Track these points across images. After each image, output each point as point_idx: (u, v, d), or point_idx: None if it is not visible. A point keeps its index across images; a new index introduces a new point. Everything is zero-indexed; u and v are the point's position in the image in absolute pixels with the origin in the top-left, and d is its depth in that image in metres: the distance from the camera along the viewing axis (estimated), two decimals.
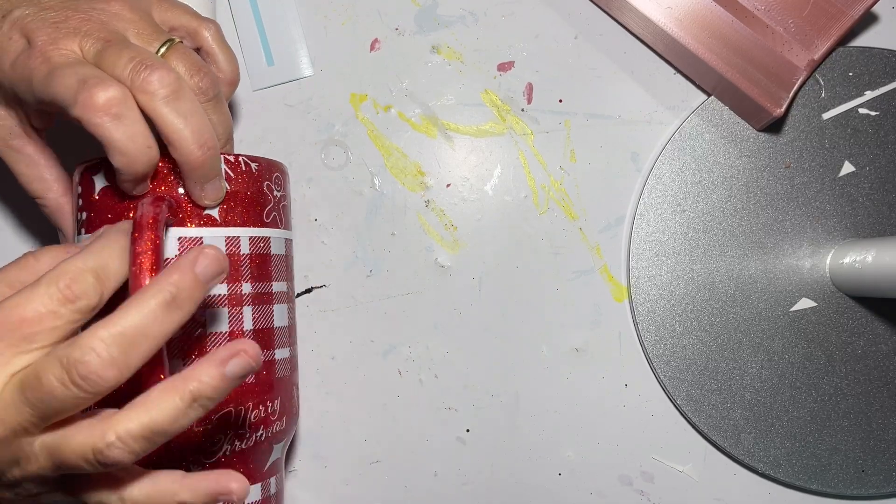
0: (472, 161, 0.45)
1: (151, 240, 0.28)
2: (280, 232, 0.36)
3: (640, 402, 0.44)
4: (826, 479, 0.43)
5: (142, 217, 0.29)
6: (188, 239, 0.32)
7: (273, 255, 0.35)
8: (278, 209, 0.36)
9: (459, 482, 0.45)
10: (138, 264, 0.28)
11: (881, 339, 0.43)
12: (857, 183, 0.44)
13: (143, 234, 0.28)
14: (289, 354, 0.37)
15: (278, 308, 0.36)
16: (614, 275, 0.45)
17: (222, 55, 0.36)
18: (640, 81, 0.45)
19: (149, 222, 0.29)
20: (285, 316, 0.36)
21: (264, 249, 0.35)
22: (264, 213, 0.35)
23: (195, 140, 0.30)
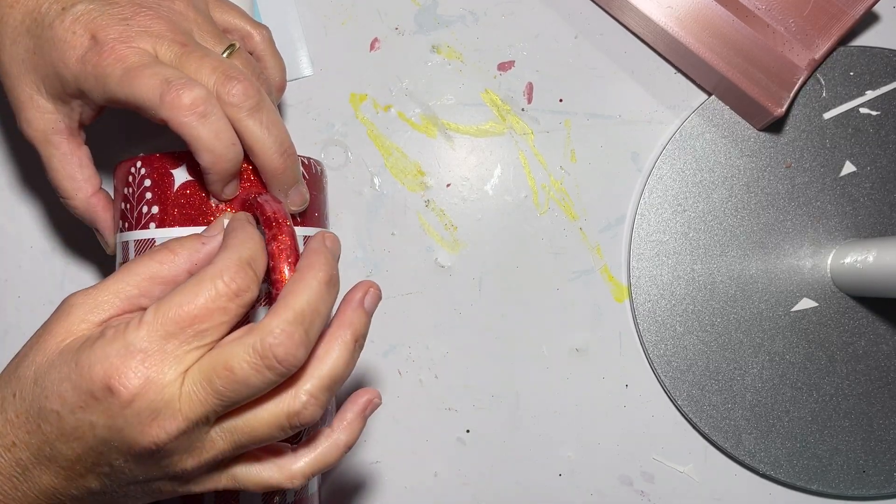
0: (472, 161, 0.45)
1: (290, 234, 0.29)
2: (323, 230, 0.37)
3: (640, 403, 0.44)
4: (827, 479, 0.43)
5: (275, 213, 0.30)
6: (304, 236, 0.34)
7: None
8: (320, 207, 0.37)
9: (459, 482, 0.45)
10: (282, 259, 0.29)
11: (882, 339, 0.43)
12: (858, 183, 0.43)
13: (282, 228, 0.29)
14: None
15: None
16: (614, 275, 0.45)
17: (272, 60, 0.37)
18: (640, 81, 0.45)
19: (282, 217, 0.29)
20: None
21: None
22: (325, 211, 0.37)
23: (278, 148, 0.31)
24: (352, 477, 0.45)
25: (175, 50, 0.30)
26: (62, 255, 0.45)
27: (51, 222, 0.45)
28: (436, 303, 0.45)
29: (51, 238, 0.45)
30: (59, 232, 0.45)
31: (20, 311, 0.45)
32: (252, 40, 0.36)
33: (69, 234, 0.45)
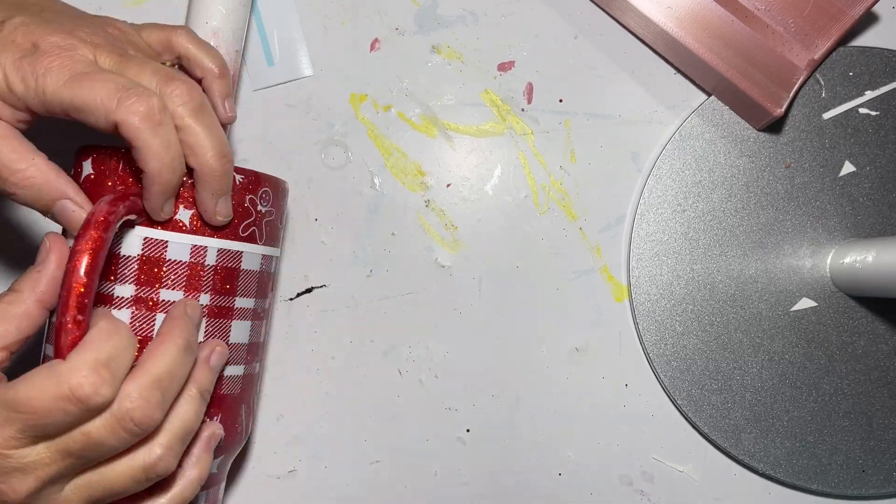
0: (472, 161, 0.45)
1: (93, 240, 0.29)
2: (257, 248, 0.35)
3: (640, 402, 0.44)
4: (826, 479, 0.43)
5: (93, 215, 0.29)
6: (154, 240, 0.32)
7: (243, 270, 0.35)
8: (259, 224, 0.35)
9: (459, 482, 0.45)
10: (74, 262, 0.28)
11: (882, 338, 0.43)
12: (857, 183, 0.43)
13: (87, 231, 0.29)
14: (242, 372, 0.36)
15: (238, 324, 0.35)
16: (614, 275, 0.45)
17: (203, 53, 0.36)
18: (640, 81, 0.45)
19: (98, 221, 0.29)
20: (246, 333, 0.35)
21: (233, 263, 0.34)
22: (241, 226, 0.34)
23: (217, 150, 0.31)
24: (352, 477, 0.45)
25: (114, 59, 0.31)
26: None
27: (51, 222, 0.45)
28: (436, 303, 0.45)
29: None
30: None
31: None
32: (176, 43, 0.35)
33: None
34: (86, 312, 0.29)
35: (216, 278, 0.34)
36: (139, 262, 0.32)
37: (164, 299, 0.32)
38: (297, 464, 0.45)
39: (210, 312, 0.34)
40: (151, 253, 0.32)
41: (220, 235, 0.34)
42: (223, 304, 0.34)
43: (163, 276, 0.32)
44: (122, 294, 0.32)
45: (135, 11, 0.45)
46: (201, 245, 0.33)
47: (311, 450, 0.45)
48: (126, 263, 0.32)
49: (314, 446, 0.45)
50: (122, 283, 0.32)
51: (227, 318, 0.34)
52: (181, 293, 0.33)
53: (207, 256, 0.33)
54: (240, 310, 0.35)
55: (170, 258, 0.32)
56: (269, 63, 0.45)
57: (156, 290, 0.32)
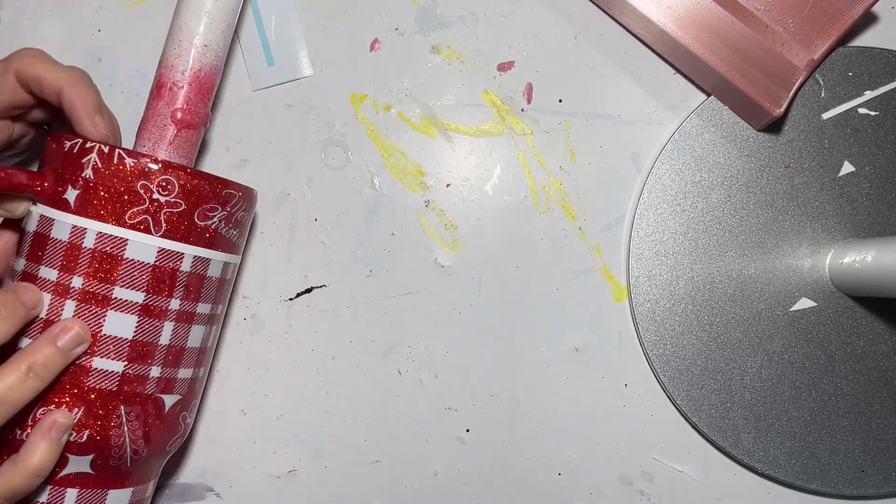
0: (472, 161, 0.45)
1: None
2: (148, 238, 0.34)
3: (639, 402, 0.44)
4: (826, 478, 0.43)
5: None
6: (44, 217, 0.34)
7: (126, 259, 0.34)
8: (154, 214, 0.34)
9: (459, 482, 0.45)
10: None
11: (881, 338, 0.43)
12: (856, 183, 0.44)
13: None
14: (190, 376, 0.36)
15: (116, 315, 0.34)
16: (614, 275, 0.45)
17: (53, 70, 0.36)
18: (640, 81, 0.45)
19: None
20: (130, 328, 0.34)
21: (114, 250, 0.34)
22: (128, 213, 0.34)
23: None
24: (352, 477, 0.45)
25: None
26: None
27: None
28: (436, 303, 0.45)
29: None
30: None
31: None
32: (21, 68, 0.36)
33: None
34: None
35: (93, 262, 0.33)
36: (32, 238, 0.34)
37: (42, 276, 0.33)
38: (297, 464, 0.45)
39: (82, 297, 0.33)
40: (42, 230, 0.34)
41: (101, 219, 0.33)
42: (97, 291, 0.33)
43: (44, 255, 0.34)
44: (16, 267, 0.35)
45: (135, 11, 0.45)
46: (81, 226, 0.33)
47: (311, 450, 0.45)
48: (24, 238, 0.35)
49: (314, 446, 0.45)
50: (18, 258, 0.35)
51: (103, 306, 0.34)
52: (55, 273, 0.33)
53: (86, 239, 0.33)
54: (120, 301, 0.34)
55: (52, 236, 0.33)
56: (269, 63, 0.45)
57: (36, 266, 0.34)
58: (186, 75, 0.37)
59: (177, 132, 0.37)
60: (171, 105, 0.37)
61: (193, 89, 0.37)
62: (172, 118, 0.37)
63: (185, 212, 0.35)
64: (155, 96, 0.37)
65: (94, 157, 0.33)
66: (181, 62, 0.37)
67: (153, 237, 0.34)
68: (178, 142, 0.37)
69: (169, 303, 0.35)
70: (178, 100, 0.37)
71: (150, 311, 0.34)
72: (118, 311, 0.34)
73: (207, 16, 0.37)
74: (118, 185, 0.33)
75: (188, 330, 0.36)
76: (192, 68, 0.37)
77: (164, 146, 0.37)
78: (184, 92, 0.37)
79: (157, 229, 0.34)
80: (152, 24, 0.45)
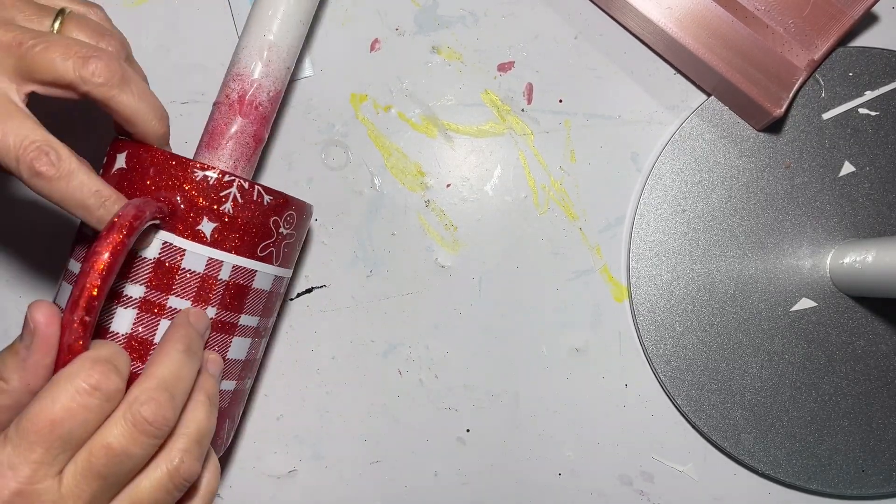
0: (472, 161, 0.45)
1: (115, 243, 0.28)
2: (271, 268, 0.35)
3: (640, 402, 0.44)
4: (826, 478, 0.43)
5: (119, 218, 0.29)
6: (172, 246, 0.32)
7: (253, 289, 0.34)
8: (278, 246, 0.35)
9: (459, 482, 0.45)
10: (91, 263, 0.28)
11: (881, 339, 0.43)
12: (857, 183, 0.44)
13: (111, 234, 0.28)
14: (233, 388, 0.36)
15: (239, 341, 0.35)
16: (614, 275, 0.45)
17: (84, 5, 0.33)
18: (640, 81, 0.45)
19: (123, 224, 0.28)
20: (244, 350, 0.35)
21: (245, 281, 0.34)
22: (259, 246, 0.34)
23: (155, 114, 0.32)
24: (352, 477, 0.45)
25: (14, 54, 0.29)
26: (62, 255, 0.45)
27: (51, 222, 0.45)
28: (436, 303, 0.45)
29: (51, 238, 0.45)
30: (59, 232, 0.45)
31: (21, 312, 0.45)
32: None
33: (69, 234, 0.45)
34: (94, 314, 0.28)
35: (226, 294, 0.33)
36: (154, 265, 0.32)
37: (171, 306, 0.32)
38: (297, 464, 0.45)
39: (213, 326, 0.33)
40: (168, 259, 0.32)
41: (238, 252, 0.33)
42: (227, 320, 0.34)
43: (174, 284, 0.32)
44: (130, 293, 0.32)
45: (135, 11, 0.45)
46: (218, 259, 0.33)
47: (311, 450, 0.45)
48: (141, 264, 0.32)
49: (314, 446, 0.45)
50: (133, 283, 0.32)
51: (230, 333, 0.34)
52: (189, 303, 0.32)
53: (222, 271, 0.33)
54: (243, 327, 0.35)
55: (185, 267, 0.32)
56: None
57: (165, 295, 0.32)
58: (271, 96, 0.37)
59: (255, 149, 0.37)
60: (255, 124, 0.36)
61: (272, 109, 0.37)
62: (255, 137, 0.36)
63: (294, 241, 0.37)
64: (237, 112, 0.36)
65: (234, 192, 0.33)
66: (269, 82, 0.36)
67: (274, 267, 0.35)
68: (254, 159, 0.37)
69: (269, 322, 0.37)
70: (261, 119, 0.36)
71: (258, 332, 0.36)
72: (240, 336, 0.35)
73: (296, 38, 0.37)
74: (255, 219, 0.34)
75: (261, 344, 0.38)
76: (276, 89, 0.37)
77: (245, 165, 0.36)
78: (267, 112, 0.37)
79: (276, 260, 0.35)
80: (153, 24, 0.45)
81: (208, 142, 0.36)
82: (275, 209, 0.34)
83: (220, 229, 0.33)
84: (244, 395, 0.38)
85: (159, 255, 0.32)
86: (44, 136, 0.29)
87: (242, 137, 0.36)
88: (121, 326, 0.32)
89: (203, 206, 0.32)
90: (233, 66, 0.36)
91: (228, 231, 0.33)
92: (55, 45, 0.29)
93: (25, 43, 0.29)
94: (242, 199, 0.33)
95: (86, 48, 0.30)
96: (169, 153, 0.33)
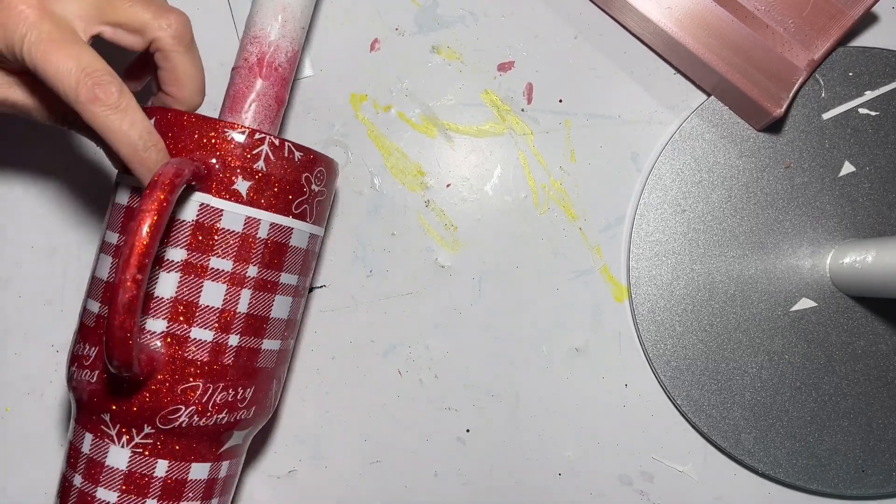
0: (472, 161, 0.45)
1: (159, 201, 0.29)
2: (306, 226, 0.36)
3: (640, 402, 0.44)
4: (826, 478, 0.43)
5: (160, 176, 0.29)
6: (209, 207, 0.32)
7: (291, 247, 0.35)
8: (311, 203, 0.36)
9: (459, 482, 0.45)
10: (138, 221, 0.28)
11: (881, 339, 0.43)
12: (857, 183, 0.44)
13: (154, 192, 0.29)
14: (279, 347, 0.36)
15: (281, 299, 0.35)
16: (614, 275, 0.45)
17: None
18: (640, 81, 0.45)
19: (165, 183, 0.29)
20: (286, 309, 0.36)
21: (283, 238, 0.35)
22: (294, 203, 0.35)
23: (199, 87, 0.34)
24: (352, 477, 0.45)
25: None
26: (62, 255, 0.45)
27: (51, 222, 0.45)
28: (436, 303, 0.45)
29: (51, 238, 0.45)
30: (59, 232, 0.45)
31: (20, 312, 0.45)
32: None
33: (69, 234, 0.45)
34: (145, 272, 0.29)
35: (266, 251, 0.34)
36: (193, 227, 0.32)
37: (213, 267, 0.33)
38: (297, 464, 0.45)
39: (256, 285, 0.34)
40: (206, 220, 0.32)
41: (274, 210, 0.34)
42: (269, 279, 0.34)
43: (214, 245, 0.32)
44: (171, 257, 0.32)
45: None
46: (255, 217, 0.33)
47: (311, 450, 0.45)
48: (180, 227, 0.32)
49: (314, 446, 0.45)
50: (174, 247, 0.32)
51: (272, 292, 0.35)
52: (231, 262, 0.33)
53: (260, 229, 0.33)
54: (284, 286, 0.35)
55: (223, 227, 0.33)
56: None
57: (206, 256, 0.32)
58: (289, 56, 0.37)
59: (277, 111, 0.37)
60: (276, 86, 0.37)
61: (291, 70, 0.37)
62: (277, 99, 0.37)
63: (325, 198, 0.37)
64: (257, 74, 0.36)
65: (265, 149, 0.33)
66: (286, 43, 0.37)
67: (309, 224, 0.36)
68: (278, 121, 0.37)
69: (307, 281, 0.38)
70: (281, 80, 0.37)
71: (298, 291, 0.37)
72: (281, 294, 0.35)
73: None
74: (287, 176, 0.34)
75: (301, 303, 0.38)
76: (294, 49, 0.37)
77: (270, 128, 0.37)
78: (286, 73, 0.37)
79: (311, 217, 0.36)
80: None
81: (231, 106, 0.36)
82: (305, 165, 0.35)
83: (255, 187, 0.33)
84: (288, 356, 0.38)
85: (197, 216, 0.32)
86: (107, 68, 0.30)
87: (265, 100, 0.36)
88: (165, 291, 0.32)
89: (237, 165, 0.33)
90: (249, 30, 0.37)
91: (263, 189, 0.33)
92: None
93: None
94: (274, 156, 0.34)
95: (165, 5, 0.32)
96: (197, 115, 0.33)
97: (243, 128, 0.33)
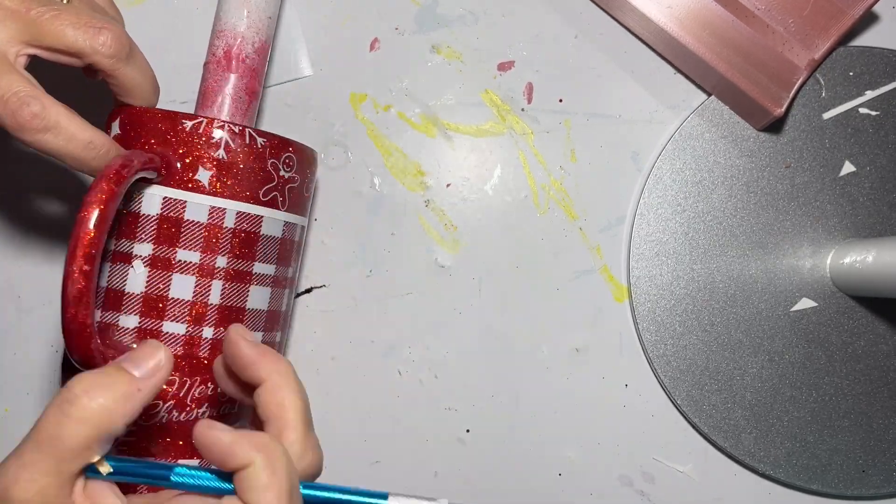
0: (472, 161, 0.45)
1: (104, 191, 0.29)
2: (279, 213, 0.35)
3: (640, 402, 0.44)
4: (826, 479, 0.43)
5: (107, 168, 0.29)
6: (172, 200, 0.32)
7: (263, 235, 0.35)
8: (282, 189, 0.35)
9: (459, 482, 0.45)
10: (84, 213, 0.29)
11: (882, 339, 0.43)
12: (857, 183, 0.43)
13: (99, 184, 0.29)
14: (260, 339, 0.36)
15: (257, 290, 0.35)
16: (614, 275, 0.45)
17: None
18: (640, 81, 0.45)
19: (110, 175, 0.29)
20: (265, 299, 0.35)
21: (252, 227, 0.34)
22: (262, 190, 0.34)
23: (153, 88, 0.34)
24: (352, 477, 0.45)
25: (20, 19, 0.30)
26: (62, 256, 0.45)
27: (51, 222, 0.45)
28: (436, 303, 0.45)
29: (51, 238, 0.45)
30: (58, 232, 0.45)
31: (20, 312, 0.45)
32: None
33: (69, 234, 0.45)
34: (93, 263, 0.29)
35: (234, 241, 0.34)
36: (158, 221, 0.32)
37: (180, 259, 0.33)
38: None
39: (227, 276, 0.34)
40: (170, 213, 0.32)
41: (240, 198, 0.34)
42: (241, 269, 0.34)
43: (180, 236, 0.33)
44: (139, 252, 0.32)
45: (135, 11, 0.45)
46: (219, 206, 0.33)
47: None
48: (146, 222, 0.32)
49: None
50: (142, 242, 0.32)
51: (246, 282, 0.34)
52: (198, 254, 0.33)
53: (226, 218, 0.33)
54: (259, 275, 0.35)
55: (188, 218, 0.33)
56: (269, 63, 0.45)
57: (173, 249, 0.33)
58: (256, 47, 0.37)
59: (249, 104, 0.37)
60: (246, 77, 0.37)
61: (261, 61, 0.37)
62: (248, 91, 0.37)
63: (299, 185, 0.36)
64: (226, 68, 0.36)
65: (225, 137, 0.33)
66: (252, 34, 0.37)
67: (281, 212, 0.35)
68: (251, 113, 0.37)
69: (288, 272, 0.37)
70: (251, 71, 0.37)
71: (278, 282, 0.36)
72: (257, 285, 0.35)
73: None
74: (251, 163, 0.34)
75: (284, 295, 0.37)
76: (261, 40, 0.37)
77: (243, 119, 0.37)
78: (256, 63, 0.37)
79: (283, 205, 0.35)
80: (152, 23, 0.45)
81: (202, 102, 0.36)
82: (271, 151, 0.34)
83: (217, 176, 0.33)
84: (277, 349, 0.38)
85: (161, 210, 0.32)
86: (29, 88, 0.30)
87: (235, 92, 0.36)
88: (135, 287, 0.32)
89: (196, 156, 0.33)
90: (215, 24, 0.37)
91: (226, 177, 0.33)
92: (66, 14, 0.30)
93: (34, 9, 0.30)
94: (234, 143, 0.33)
95: (96, 19, 0.31)
96: (158, 110, 0.33)
97: (201, 117, 0.33)
